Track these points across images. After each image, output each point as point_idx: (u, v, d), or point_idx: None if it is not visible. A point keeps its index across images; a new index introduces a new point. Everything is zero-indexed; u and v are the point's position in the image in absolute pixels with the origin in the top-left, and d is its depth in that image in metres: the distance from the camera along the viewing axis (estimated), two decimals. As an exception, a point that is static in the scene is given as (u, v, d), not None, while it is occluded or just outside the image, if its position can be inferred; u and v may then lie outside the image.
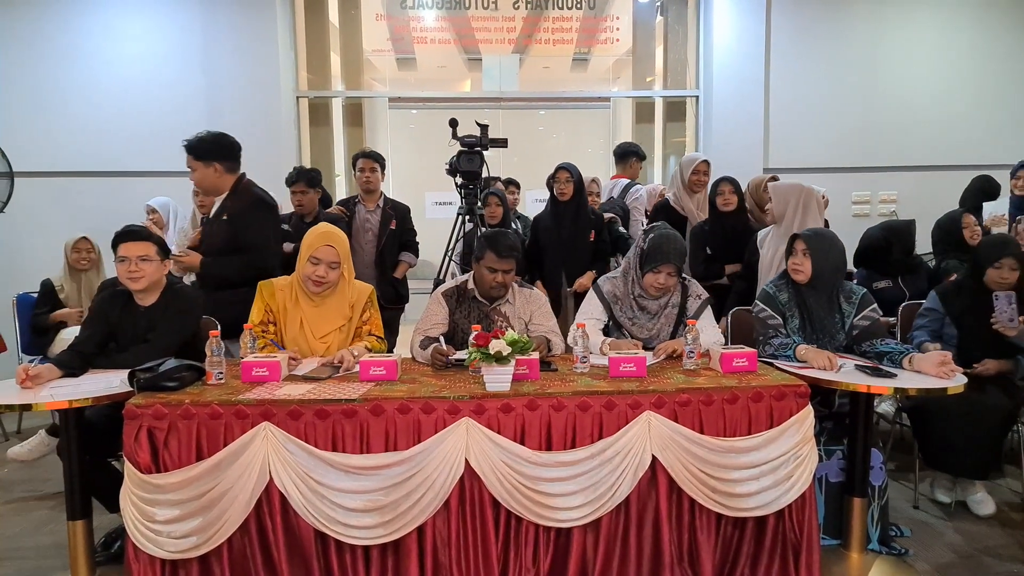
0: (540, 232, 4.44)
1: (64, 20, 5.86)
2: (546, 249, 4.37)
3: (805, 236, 3.03)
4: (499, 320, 3.13)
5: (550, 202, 4.46)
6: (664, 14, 6.90)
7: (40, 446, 3.78)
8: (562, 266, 4.34)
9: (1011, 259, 3.28)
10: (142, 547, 2.31)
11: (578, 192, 4.33)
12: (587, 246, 4.33)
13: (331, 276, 2.99)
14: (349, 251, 3.11)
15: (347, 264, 3.07)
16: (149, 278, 2.89)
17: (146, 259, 2.86)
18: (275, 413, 2.34)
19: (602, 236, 4.39)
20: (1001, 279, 3.29)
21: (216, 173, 3.43)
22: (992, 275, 3.31)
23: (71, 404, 2.42)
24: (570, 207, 4.33)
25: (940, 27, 6.38)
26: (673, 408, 2.45)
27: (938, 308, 3.44)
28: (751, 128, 6.22)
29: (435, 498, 2.34)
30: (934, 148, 6.37)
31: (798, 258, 3.03)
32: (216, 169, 3.42)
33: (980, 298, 3.31)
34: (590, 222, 4.37)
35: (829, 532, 2.87)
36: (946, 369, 2.64)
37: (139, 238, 2.89)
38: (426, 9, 6.72)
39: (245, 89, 5.94)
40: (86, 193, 5.94)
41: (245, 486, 2.31)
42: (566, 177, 4.30)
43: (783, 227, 3.72)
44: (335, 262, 2.99)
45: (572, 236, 4.32)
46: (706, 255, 4.15)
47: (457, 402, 2.39)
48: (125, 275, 2.87)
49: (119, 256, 2.87)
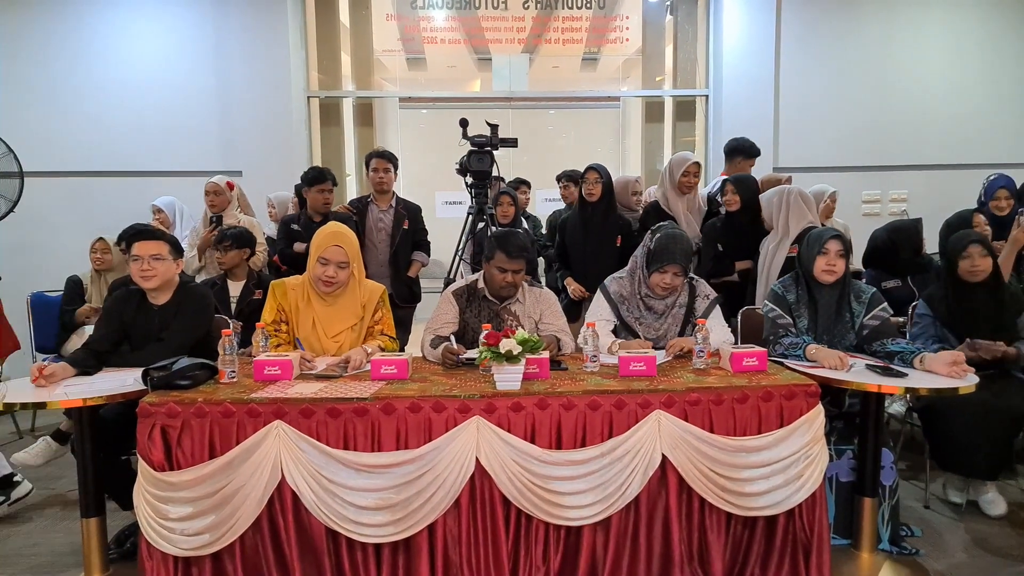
0: (566, 234, 4.38)
1: (76, 20, 5.90)
2: (571, 251, 4.33)
3: (843, 238, 3.02)
4: (509, 319, 3.14)
5: (578, 203, 4.39)
6: (674, 13, 6.89)
7: (46, 451, 3.75)
8: (587, 269, 4.24)
9: (976, 246, 3.26)
10: (155, 544, 2.33)
11: (607, 194, 4.24)
12: (614, 250, 4.21)
13: (340, 276, 3.00)
14: (359, 251, 3.12)
15: (357, 264, 3.08)
16: (162, 277, 2.91)
17: (159, 258, 2.89)
18: (287, 411, 2.36)
19: (629, 241, 4.25)
20: (973, 267, 3.26)
21: None
22: (964, 267, 3.29)
23: (85, 402, 2.45)
24: (598, 209, 4.24)
25: (950, 25, 6.34)
26: (683, 407, 2.45)
27: (928, 312, 3.43)
28: (761, 127, 6.19)
29: (446, 496, 2.36)
30: (945, 147, 6.34)
31: (832, 258, 3.01)
32: None
33: (963, 296, 3.31)
34: (618, 226, 4.27)
35: (839, 532, 2.86)
36: (958, 369, 2.63)
37: (152, 237, 2.91)
38: (436, 9, 6.74)
39: (256, 89, 5.97)
40: (98, 193, 5.99)
41: (257, 484, 2.32)
42: (595, 178, 4.20)
43: (779, 232, 3.76)
44: (344, 262, 3.00)
45: (599, 239, 4.24)
46: (716, 252, 4.15)
47: (468, 401, 2.40)
48: (138, 274, 2.89)
49: (132, 255, 2.89)
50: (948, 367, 2.64)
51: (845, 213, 6.00)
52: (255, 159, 5.96)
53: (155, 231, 2.97)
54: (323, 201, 4.48)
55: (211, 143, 6.04)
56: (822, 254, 2.99)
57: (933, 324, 3.40)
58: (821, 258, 2.99)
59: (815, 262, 3.01)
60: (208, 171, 5.47)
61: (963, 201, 4.91)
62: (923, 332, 3.41)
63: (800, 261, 3.12)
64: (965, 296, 3.31)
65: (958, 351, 2.80)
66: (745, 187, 4.11)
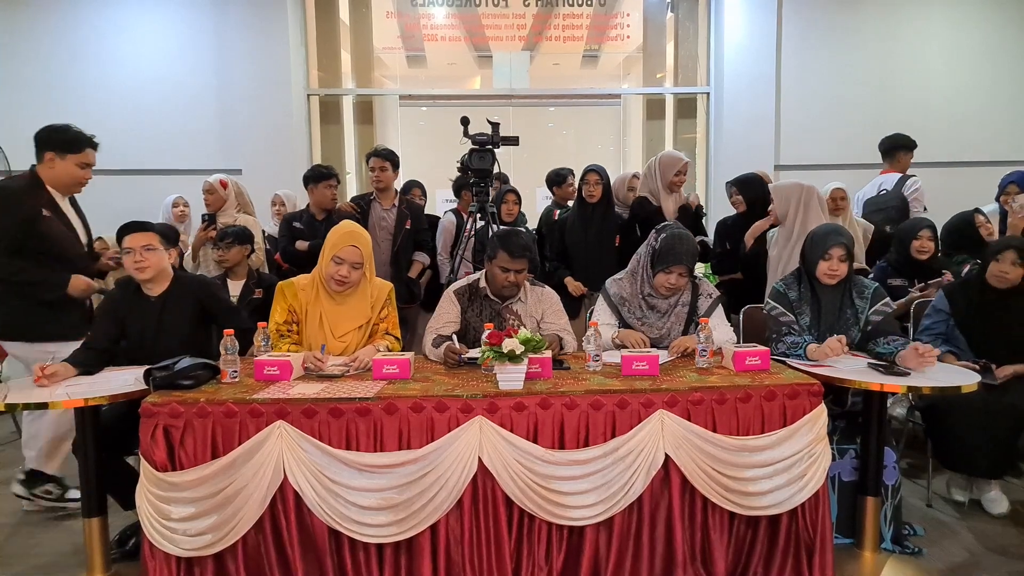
0: (566, 233, 4.41)
1: (76, 19, 5.90)
2: (572, 251, 4.35)
3: (847, 243, 2.99)
4: (511, 318, 3.13)
5: (577, 204, 4.43)
6: (674, 10, 6.88)
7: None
8: (588, 268, 4.28)
9: (1012, 252, 3.25)
10: (158, 544, 2.33)
11: (606, 194, 4.31)
12: (613, 249, 4.28)
13: (353, 276, 2.98)
14: (372, 251, 3.09)
15: (369, 265, 3.06)
16: (155, 267, 2.92)
17: (150, 248, 2.90)
18: (289, 411, 2.35)
19: (629, 239, 4.31)
20: (1001, 272, 3.26)
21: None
22: (993, 269, 3.28)
23: (87, 402, 2.45)
24: (598, 209, 4.30)
25: (953, 22, 6.33)
26: (686, 407, 2.45)
27: (945, 308, 3.42)
28: (762, 125, 6.20)
29: (448, 496, 2.35)
30: (947, 145, 6.33)
31: (834, 263, 2.97)
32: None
33: (986, 296, 3.31)
34: (617, 225, 4.34)
35: (842, 531, 2.85)
36: (927, 359, 2.65)
37: (141, 229, 2.93)
38: (436, 6, 6.73)
39: (256, 87, 5.97)
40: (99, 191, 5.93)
41: (260, 484, 2.32)
42: (595, 179, 4.26)
43: (786, 227, 3.72)
44: (358, 263, 2.98)
45: (599, 239, 4.29)
46: (723, 249, 4.15)
47: (470, 400, 2.39)
48: (132, 266, 2.90)
49: (124, 248, 2.91)
50: (917, 359, 2.66)
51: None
52: (255, 157, 5.96)
53: (143, 223, 2.97)
54: (330, 197, 4.48)
55: (211, 141, 6.04)
56: (825, 259, 2.98)
57: (945, 322, 3.41)
58: (824, 263, 2.98)
59: (818, 265, 3.00)
60: (208, 169, 5.47)
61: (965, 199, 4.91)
62: (933, 327, 3.42)
63: (803, 259, 3.11)
64: (990, 297, 3.31)
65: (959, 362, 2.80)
66: (749, 188, 4.10)
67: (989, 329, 3.30)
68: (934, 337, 3.36)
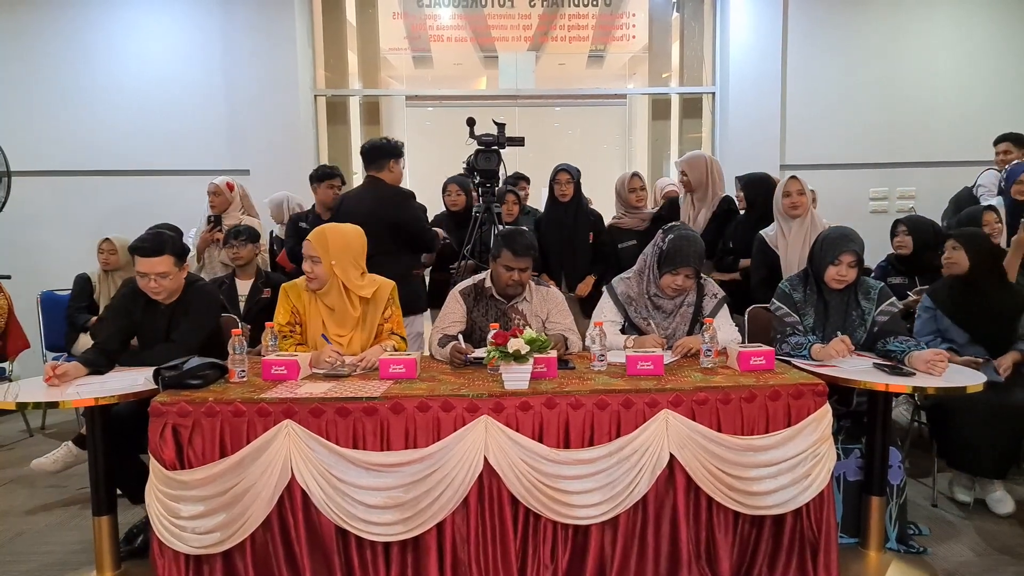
0: (540, 234, 4.42)
1: (84, 20, 5.92)
2: (548, 250, 4.38)
3: (858, 251, 2.97)
4: (516, 318, 3.14)
5: (549, 203, 4.49)
6: (680, 10, 6.87)
7: (66, 456, 3.60)
8: (562, 268, 4.36)
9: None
10: (167, 542, 2.35)
11: (577, 193, 4.37)
12: (586, 247, 4.35)
13: (316, 271, 2.98)
14: (329, 245, 3.00)
15: (337, 261, 2.99)
16: (169, 290, 2.95)
17: (164, 276, 2.90)
18: (297, 411, 2.37)
19: (601, 237, 4.39)
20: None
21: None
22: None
23: (97, 401, 2.47)
24: (570, 208, 4.36)
25: (958, 21, 6.30)
26: (691, 406, 2.46)
27: (931, 306, 3.44)
28: (768, 124, 6.19)
29: (454, 495, 2.37)
30: (953, 144, 6.30)
31: (843, 269, 2.97)
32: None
33: (965, 291, 3.33)
34: (589, 223, 4.39)
35: (847, 531, 2.86)
36: (938, 368, 2.64)
37: (154, 254, 2.88)
38: (442, 7, 6.74)
39: (263, 87, 5.97)
40: (107, 192, 6.01)
41: (267, 483, 2.34)
42: (567, 179, 4.32)
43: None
44: (313, 256, 2.97)
45: (572, 237, 4.34)
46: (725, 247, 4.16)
47: (476, 400, 2.41)
48: (146, 288, 2.92)
49: (138, 272, 2.91)
50: (926, 364, 2.66)
51: (854, 210, 6.00)
52: (262, 157, 5.97)
53: (155, 247, 2.89)
54: (333, 196, 4.50)
55: (218, 142, 6.05)
56: (834, 264, 2.97)
57: (934, 319, 3.41)
58: (833, 268, 2.98)
59: (827, 269, 3.00)
60: (215, 170, 5.50)
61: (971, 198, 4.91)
62: (924, 327, 3.42)
63: (811, 262, 3.12)
64: (969, 291, 3.31)
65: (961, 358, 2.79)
66: (752, 187, 4.11)
67: (975, 318, 3.31)
68: (930, 335, 3.37)
